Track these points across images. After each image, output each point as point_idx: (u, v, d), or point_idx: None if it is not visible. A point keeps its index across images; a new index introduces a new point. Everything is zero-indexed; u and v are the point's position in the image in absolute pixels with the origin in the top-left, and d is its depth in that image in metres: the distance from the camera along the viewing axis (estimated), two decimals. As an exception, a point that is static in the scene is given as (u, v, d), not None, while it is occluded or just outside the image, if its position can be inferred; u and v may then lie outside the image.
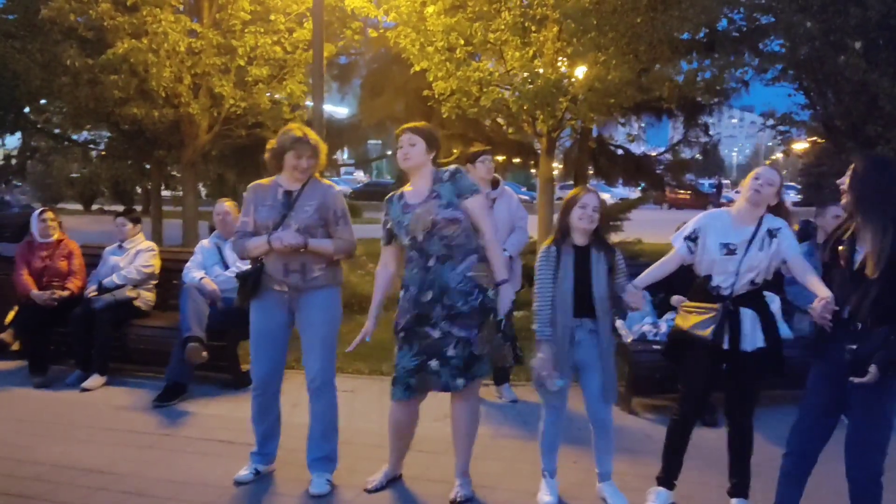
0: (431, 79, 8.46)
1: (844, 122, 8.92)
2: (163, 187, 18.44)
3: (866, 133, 8.42)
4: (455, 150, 17.77)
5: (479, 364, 3.81)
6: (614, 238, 10.89)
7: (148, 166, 17.51)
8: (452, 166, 4.00)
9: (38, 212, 6.63)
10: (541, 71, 7.94)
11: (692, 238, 3.81)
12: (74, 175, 33.62)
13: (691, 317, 3.79)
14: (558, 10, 7.28)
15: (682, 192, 33.11)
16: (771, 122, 10.99)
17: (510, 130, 12.19)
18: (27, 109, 12.26)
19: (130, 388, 6.02)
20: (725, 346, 3.65)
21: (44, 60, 9.27)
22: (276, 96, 9.94)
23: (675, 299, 5.20)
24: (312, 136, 4.15)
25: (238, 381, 6.07)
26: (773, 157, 67.69)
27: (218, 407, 5.61)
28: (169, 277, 6.68)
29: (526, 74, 7.84)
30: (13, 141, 26.64)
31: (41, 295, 6.18)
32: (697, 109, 14.63)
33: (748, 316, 3.66)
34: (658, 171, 17.58)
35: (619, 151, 17.21)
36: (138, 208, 33.55)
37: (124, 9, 9.13)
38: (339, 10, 10.00)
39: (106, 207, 32.51)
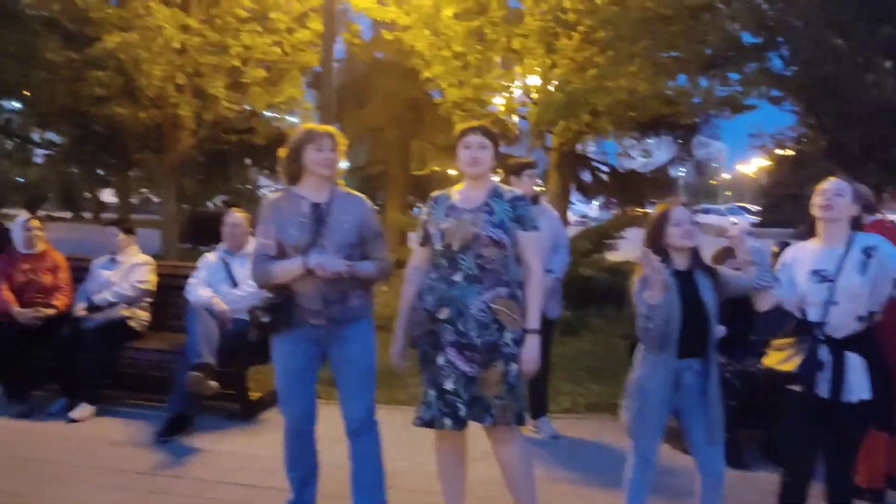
0: (445, 85, 7.99)
1: (860, 144, 8.73)
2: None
3: (891, 154, 8.21)
4: (435, 167, 17.43)
5: (486, 408, 3.31)
6: (609, 258, 10.56)
7: (100, 171, 16.70)
8: (517, 191, 3.56)
9: (21, 220, 5.92)
10: (555, 81, 7.57)
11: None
12: (19, 179, 32.43)
13: (778, 354, 3.38)
14: (593, 16, 6.87)
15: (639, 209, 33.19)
16: (759, 142, 10.81)
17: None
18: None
19: (125, 420, 5.36)
20: (824, 393, 3.21)
21: (18, 53, 8.50)
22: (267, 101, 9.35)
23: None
24: (331, 129, 3.63)
25: (247, 411, 5.49)
26: (722, 178, 68.86)
27: (231, 443, 5.00)
28: (165, 294, 6.03)
29: (556, 83, 7.44)
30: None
31: (24, 313, 5.48)
32: (692, 127, 14.50)
33: (855, 362, 3.21)
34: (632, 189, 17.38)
35: (604, 168, 17.03)
36: (87, 216, 32.50)
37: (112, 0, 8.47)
38: (340, 12, 9.50)
39: (53, 214, 31.32)
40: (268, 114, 10.11)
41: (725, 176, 69.82)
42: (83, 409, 5.32)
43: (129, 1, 8.25)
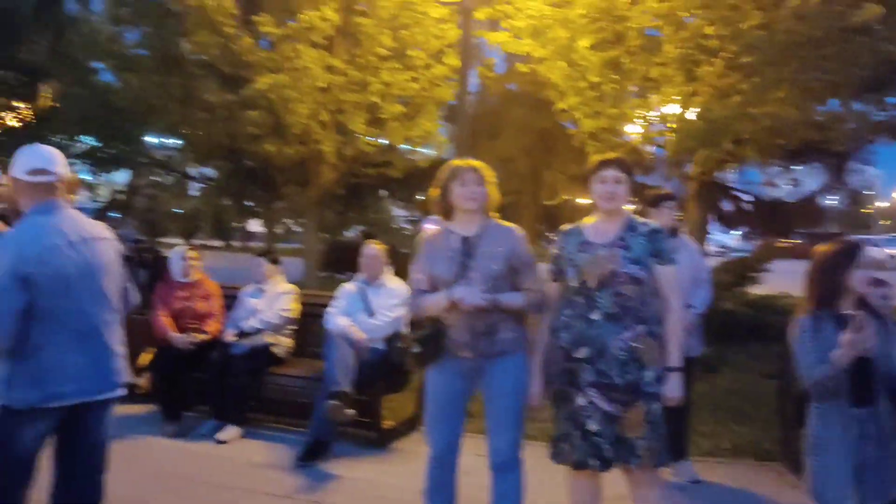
0: (580, 116, 7.93)
1: None
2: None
3: None
4: (566, 197, 17.24)
5: (630, 449, 3.21)
6: (754, 292, 10.03)
7: (249, 203, 17.81)
8: (653, 223, 3.48)
9: (179, 250, 6.37)
10: (696, 109, 7.32)
11: None
12: (177, 210, 35.09)
13: None
14: (736, 41, 6.62)
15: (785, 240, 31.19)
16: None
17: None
18: (154, 142, 12.49)
19: (268, 443, 5.58)
20: None
21: (181, 95, 9.25)
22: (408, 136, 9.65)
23: None
24: (476, 163, 3.66)
25: (381, 439, 5.59)
26: (877, 206, 63.85)
27: (365, 470, 5.09)
28: (306, 322, 6.28)
29: (697, 111, 7.20)
30: (122, 176, 27.97)
31: (180, 338, 5.86)
32: (844, 153, 13.61)
33: None
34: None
35: (747, 196, 16.27)
36: (236, 244, 34.69)
37: (266, 44, 9.05)
38: (474, 46, 9.70)
39: (206, 242, 33.48)
40: (404, 146, 10.41)
41: (881, 204, 64.82)
42: (230, 431, 5.59)
43: (280, 44, 8.78)
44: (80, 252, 3.03)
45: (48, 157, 3.09)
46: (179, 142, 15.79)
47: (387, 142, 9.54)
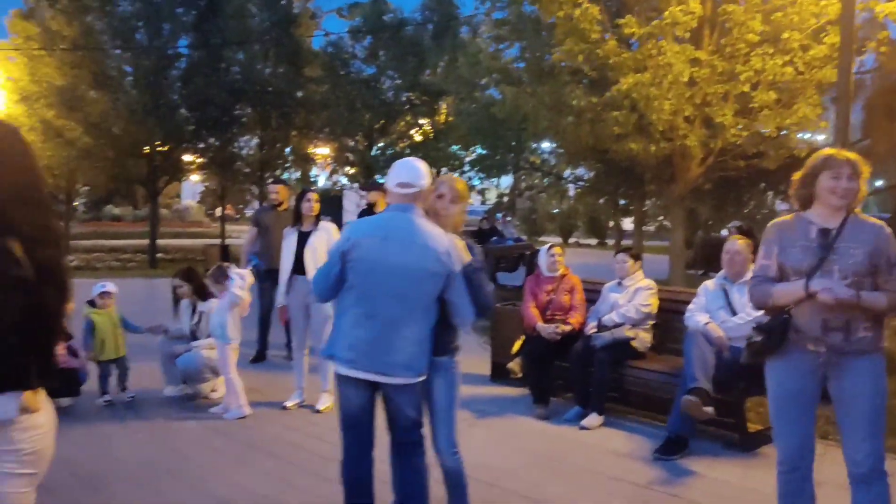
0: None
1: None
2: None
3: None
4: None
5: None
6: None
7: (623, 202, 18.12)
8: None
9: (546, 247, 6.85)
10: None
11: None
12: (555, 210, 36.97)
13: None
14: None
15: None
16: None
17: None
18: (533, 148, 13.54)
19: (628, 433, 5.75)
20: None
21: (551, 102, 9.90)
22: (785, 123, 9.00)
23: None
24: (852, 156, 3.39)
25: (745, 441, 5.40)
26: None
27: (725, 470, 4.97)
28: (666, 318, 6.30)
29: None
30: (507, 180, 30.44)
31: (546, 328, 6.31)
32: None
33: None
34: None
35: None
36: (609, 242, 35.47)
37: (628, 45, 9.25)
38: (863, 20, 8.71)
39: (581, 241, 34.70)
40: (784, 132, 9.74)
41: None
42: (593, 419, 5.87)
43: (644, 43, 8.88)
44: (394, 251, 3.47)
45: (416, 172, 3.61)
46: (554, 146, 16.84)
47: (765, 131, 9.02)
